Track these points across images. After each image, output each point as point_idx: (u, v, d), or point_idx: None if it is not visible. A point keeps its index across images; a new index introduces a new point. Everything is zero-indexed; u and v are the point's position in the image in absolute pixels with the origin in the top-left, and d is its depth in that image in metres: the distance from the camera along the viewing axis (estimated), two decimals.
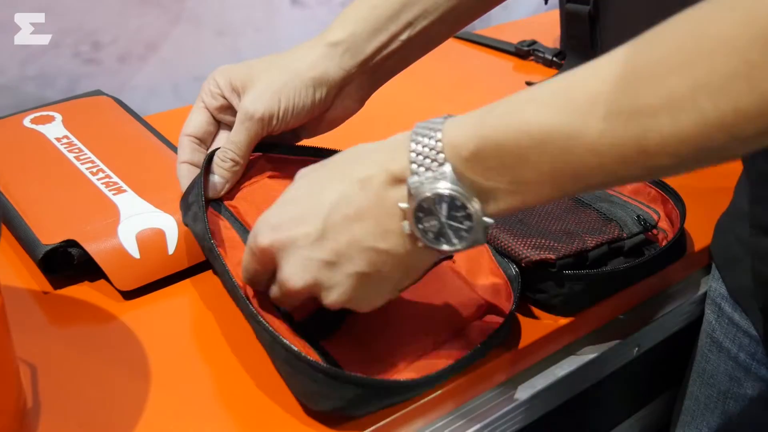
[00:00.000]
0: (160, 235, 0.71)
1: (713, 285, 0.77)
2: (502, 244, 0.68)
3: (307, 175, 0.56)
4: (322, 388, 0.54)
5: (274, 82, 0.68)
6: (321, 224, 0.52)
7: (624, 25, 1.06)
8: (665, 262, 0.74)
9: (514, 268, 0.66)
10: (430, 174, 0.48)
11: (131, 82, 1.11)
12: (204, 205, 0.65)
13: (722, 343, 0.75)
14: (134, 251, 0.70)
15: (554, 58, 1.18)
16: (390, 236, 0.51)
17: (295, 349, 0.54)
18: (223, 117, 0.72)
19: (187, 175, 0.70)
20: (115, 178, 0.78)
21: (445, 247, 0.50)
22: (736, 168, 0.74)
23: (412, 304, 0.64)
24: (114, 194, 0.75)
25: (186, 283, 0.72)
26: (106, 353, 0.64)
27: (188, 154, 0.71)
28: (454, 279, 0.66)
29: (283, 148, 0.73)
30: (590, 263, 0.67)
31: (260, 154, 0.72)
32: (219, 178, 0.69)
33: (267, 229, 0.55)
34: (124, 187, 0.77)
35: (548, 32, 1.25)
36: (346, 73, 0.69)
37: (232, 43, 1.17)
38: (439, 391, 0.61)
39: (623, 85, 0.41)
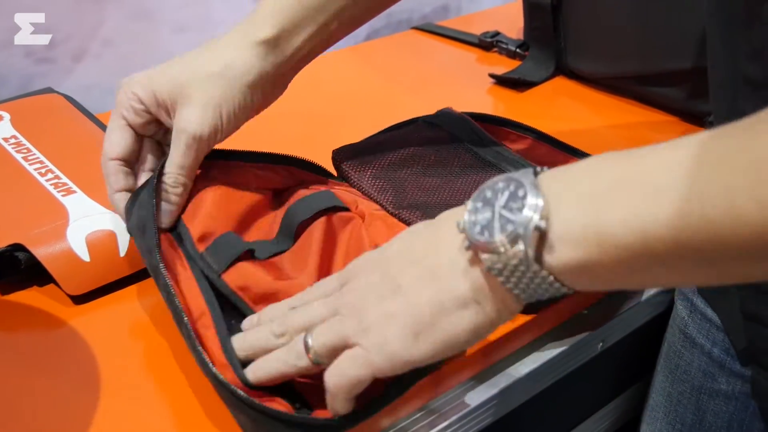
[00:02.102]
0: (110, 237, 0.69)
1: None
2: None
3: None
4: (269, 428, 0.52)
5: (212, 97, 0.64)
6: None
7: (586, 16, 1.05)
8: None
9: None
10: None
11: (87, 81, 1.08)
12: (157, 232, 0.62)
13: (695, 339, 0.74)
14: (84, 254, 0.67)
15: (518, 50, 1.17)
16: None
17: (239, 391, 0.51)
18: (146, 131, 0.68)
19: (124, 204, 0.66)
20: (65, 179, 0.76)
21: (481, 239, 0.43)
22: None
23: None
24: (63, 195, 0.73)
25: (138, 287, 0.70)
26: (55, 360, 0.62)
27: (121, 181, 0.66)
28: None
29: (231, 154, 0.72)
30: None
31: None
32: (171, 205, 0.65)
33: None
34: (74, 188, 0.74)
35: (512, 23, 1.24)
36: (278, 69, 0.67)
37: (191, 40, 1.15)
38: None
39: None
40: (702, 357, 0.74)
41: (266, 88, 0.67)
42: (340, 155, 0.77)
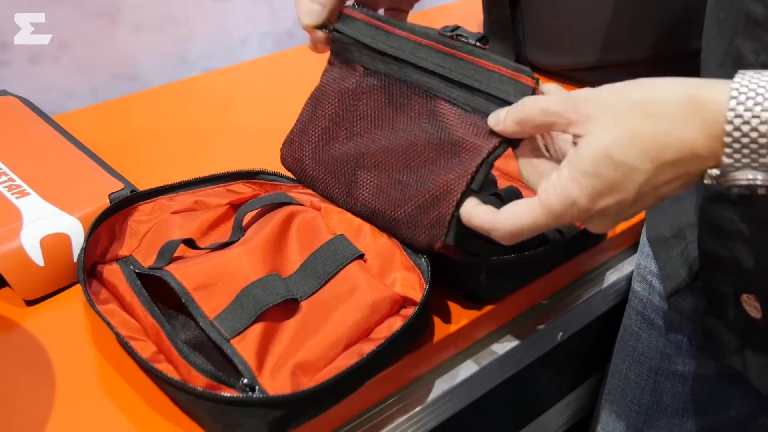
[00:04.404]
0: (64, 240, 0.68)
1: (642, 262, 0.77)
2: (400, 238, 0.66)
3: (608, 149, 0.52)
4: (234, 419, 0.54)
5: None
6: (634, 194, 0.51)
7: (543, 9, 1.06)
8: (586, 243, 0.73)
9: (424, 259, 0.64)
10: (747, 161, 0.46)
11: (45, 84, 1.06)
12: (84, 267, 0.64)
13: (654, 321, 0.75)
14: (38, 258, 0.67)
15: (477, 43, 1.17)
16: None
17: (199, 389, 0.53)
18: None
19: None
20: (19, 181, 0.75)
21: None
22: None
23: (324, 308, 0.62)
24: (17, 198, 0.72)
25: None
26: (8, 363, 0.61)
27: None
28: (367, 278, 0.64)
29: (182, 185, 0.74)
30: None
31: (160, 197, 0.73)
32: None
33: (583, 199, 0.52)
34: (28, 189, 0.73)
35: (472, 17, 1.24)
36: None
37: (151, 39, 1.14)
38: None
39: None
40: (660, 339, 0.75)
41: None
42: (284, 154, 0.74)
